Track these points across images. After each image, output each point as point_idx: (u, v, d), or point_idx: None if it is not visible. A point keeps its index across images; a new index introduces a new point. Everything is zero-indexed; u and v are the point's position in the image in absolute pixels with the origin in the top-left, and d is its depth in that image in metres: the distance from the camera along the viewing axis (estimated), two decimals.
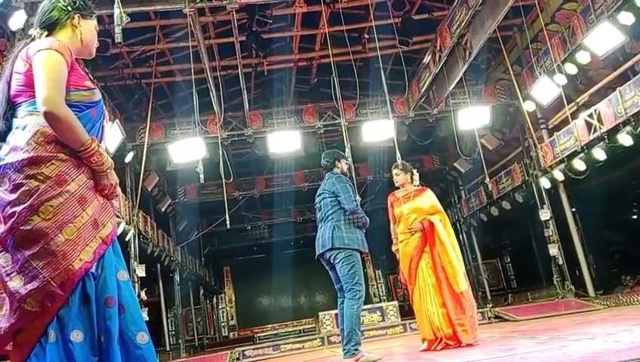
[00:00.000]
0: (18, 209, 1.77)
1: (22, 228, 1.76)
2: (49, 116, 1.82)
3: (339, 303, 4.25)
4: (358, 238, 4.25)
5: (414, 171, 4.98)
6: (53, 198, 1.79)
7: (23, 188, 1.79)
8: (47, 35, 2.04)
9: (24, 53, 1.96)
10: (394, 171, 5.02)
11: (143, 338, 1.89)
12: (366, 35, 11.82)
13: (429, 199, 4.76)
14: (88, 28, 2.14)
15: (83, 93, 1.98)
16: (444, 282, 4.37)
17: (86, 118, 1.96)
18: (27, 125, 1.89)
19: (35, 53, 1.92)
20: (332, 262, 4.24)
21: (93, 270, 1.84)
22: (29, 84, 1.92)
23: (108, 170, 1.97)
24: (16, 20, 7.07)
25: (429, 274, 4.45)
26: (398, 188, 4.99)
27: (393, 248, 4.86)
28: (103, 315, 1.82)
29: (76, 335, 1.75)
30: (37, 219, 1.76)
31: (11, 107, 1.96)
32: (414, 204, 4.72)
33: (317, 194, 4.58)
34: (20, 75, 1.95)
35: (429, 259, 4.48)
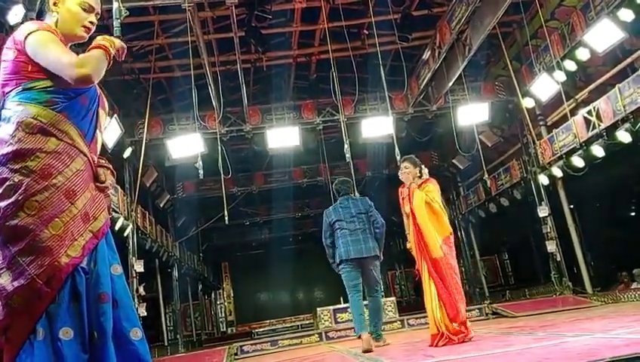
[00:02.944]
0: (3, 204, 1.73)
1: (7, 224, 1.72)
2: (84, 80, 1.82)
3: (354, 297, 5.25)
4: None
5: (423, 166, 4.70)
6: (38, 193, 1.74)
7: (7, 183, 1.75)
8: None
9: (10, 40, 1.89)
10: (403, 164, 4.71)
11: (137, 334, 1.84)
12: (365, 31, 11.79)
13: (423, 192, 4.53)
14: (67, 7, 2.00)
15: None
16: (433, 272, 4.29)
17: (76, 106, 1.90)
18: (12, 117, 1.83)
19: (25, 37, 1.85)
20: (366, 265, 5.28)
21: (84, 264, 1.79)
22: (16, 72, 1.85)
23: (116, 45, 1.95)
24: (15, 14, 7.04)
25: (425, 267, 4.42)
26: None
27: (407, 245, 4.68)
28: (96, 311, 1.76)
29: (65, 333, 1.70)
30: (22, 215, 1.72)
31: (2, 98, 1.90)
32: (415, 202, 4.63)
33: (346, 206, 5.47)
34: (7, 62, 1.88)
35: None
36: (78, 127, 1.90)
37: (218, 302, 22.98)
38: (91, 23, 2.05)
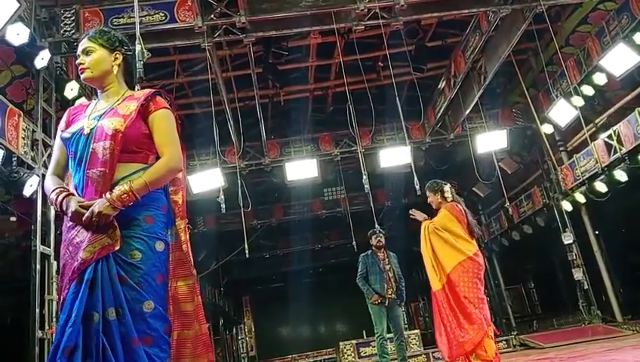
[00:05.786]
0: None
1: None
2: None
3: None
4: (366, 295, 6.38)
5: (444, 188, 4.61)
6: None
7: None
8: None
9: None
10: (427, 195, 4.74)
11: None
12: (380, 63, 11.92)
13: (432, 223, 4.52)
14: None
15: (62, 144, 2.11)
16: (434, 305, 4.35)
17: (71, 164, 2.04)
18: None
19: None
20: None
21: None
22: None
23: (61, 208, 1.92)
24: (41, 58, 7.32)
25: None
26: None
27: None
28: None
29: None
30: None
31: None
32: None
33: None
34: None
35: None
36: (74, 182, 2.02)
37: (239, 337, 22.75)
38: (78, 65, 2.20)
